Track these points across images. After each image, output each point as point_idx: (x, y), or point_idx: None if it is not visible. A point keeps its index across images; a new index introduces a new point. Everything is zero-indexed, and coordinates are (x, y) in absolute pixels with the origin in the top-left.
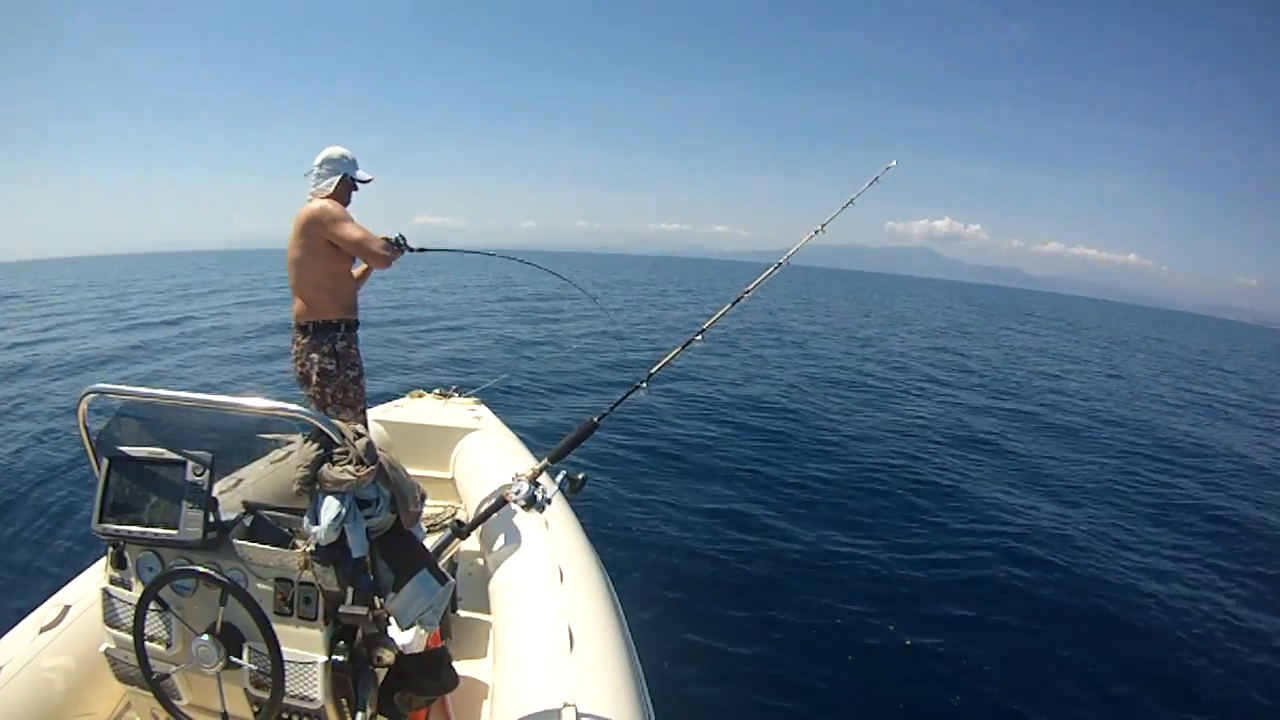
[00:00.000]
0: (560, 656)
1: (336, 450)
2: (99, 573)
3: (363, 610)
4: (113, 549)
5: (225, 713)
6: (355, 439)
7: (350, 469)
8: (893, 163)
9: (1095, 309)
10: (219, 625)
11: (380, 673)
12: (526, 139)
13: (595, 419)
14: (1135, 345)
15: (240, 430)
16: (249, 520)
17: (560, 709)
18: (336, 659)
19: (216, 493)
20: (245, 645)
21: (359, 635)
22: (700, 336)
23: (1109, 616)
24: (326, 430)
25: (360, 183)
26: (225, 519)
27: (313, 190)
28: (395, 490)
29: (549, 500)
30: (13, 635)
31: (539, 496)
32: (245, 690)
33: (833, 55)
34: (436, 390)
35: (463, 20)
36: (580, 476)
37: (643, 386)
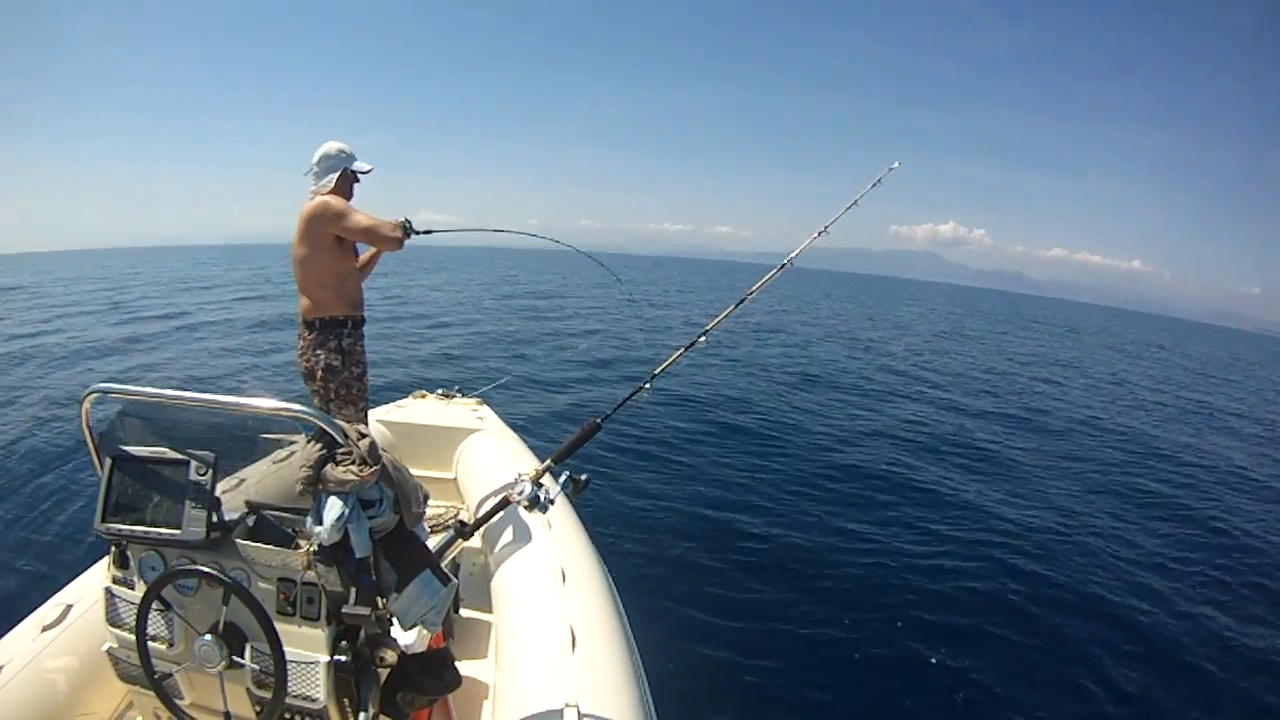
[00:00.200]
0: (562, 657)
1: (340, 450)
2: (101, 572)
3: (366, 610)
4: (115, 548)
5: (228, 712)
6: (358, 439)
7: (353, 469)
8: (896, 164)
9: (1098, 315)
10: (221, 625)
11: (383, 673)
12: (530, 137)
13: (598, 420)
14: (1136, 353)
15: (243, 430)
16: (252, 520)
17: (562, 709)
18: (339, 659)
19: (219, 492)
20: (248, 645)
21: (362, 635)
22: (703, 338)
23: (1107, 629)
24: (330, 430)
25: (361, 174)
26: (228, 519)
27: (314, 189)
28: (398, 490)
29: (552, 501)
30: (14, 634)
31: (542, 497)
32: (248, 690)
33: (837, 55)
34: (439, 391)
35: (466, 16)
36: (583, 477)
37: (646, 388)
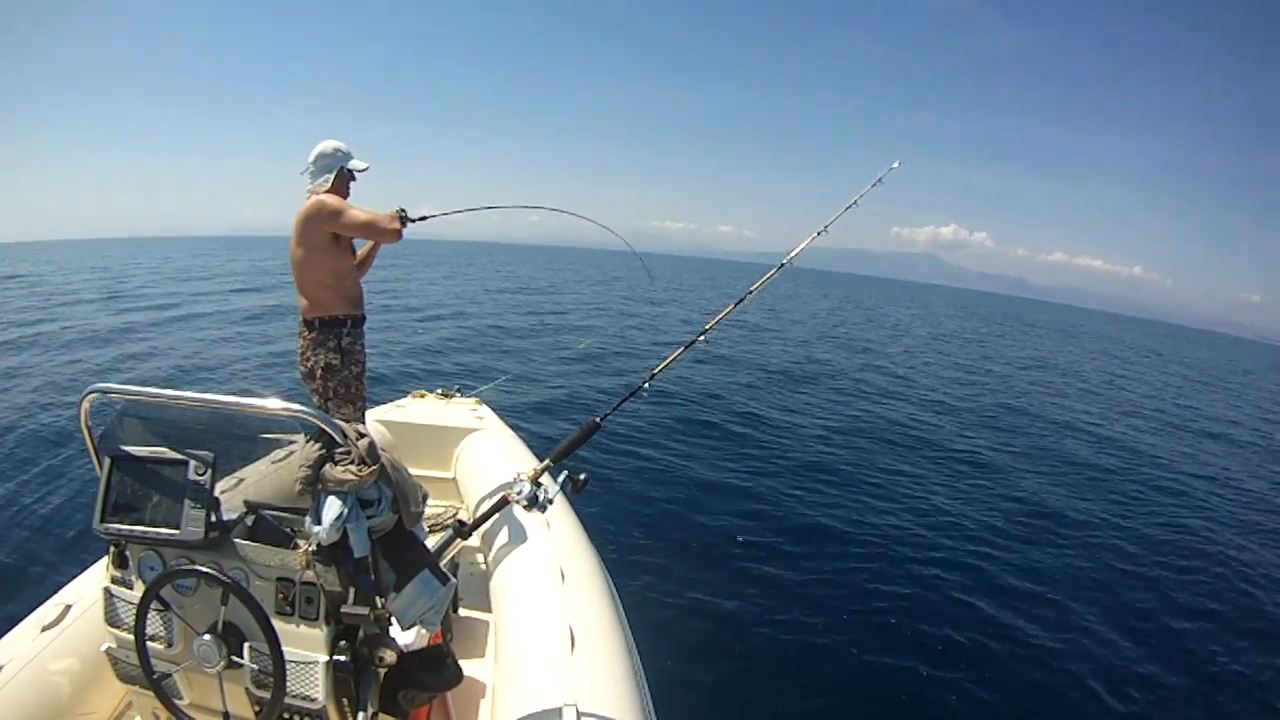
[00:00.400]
0: (561, 656)
1: (339, 450)
2: (100, 572)
3: (364, 610)
4: (114, 548)
5: (226, 712)
6: (357, 439)
7: (352, 469)
8: (896, 163)
9: (1099, 321)
10: (220, 625)
11: (382, 672)
12: (530, 133)
13: (598, 419)
14: (1132, 359)
15: (242, 430)
16: (251, 520)
17: (561, 708)
18: (338, 659)
19: (218, 492)
20: (247, 645)
21: (360, 635)
22: (702, 337)
23: (1103, 643)
24: (329, 430)
25: (357, 172)
26: (227, 519)
27: (310, 188)
28: (397, 490)
29: (551, 500)
30: (14, 634)
31: (541, 497)
32: (246, 690)
33: (840, 56)
34: (438, 390)
35: (467, 11)
36: (582, 477)
37: (645, 387)
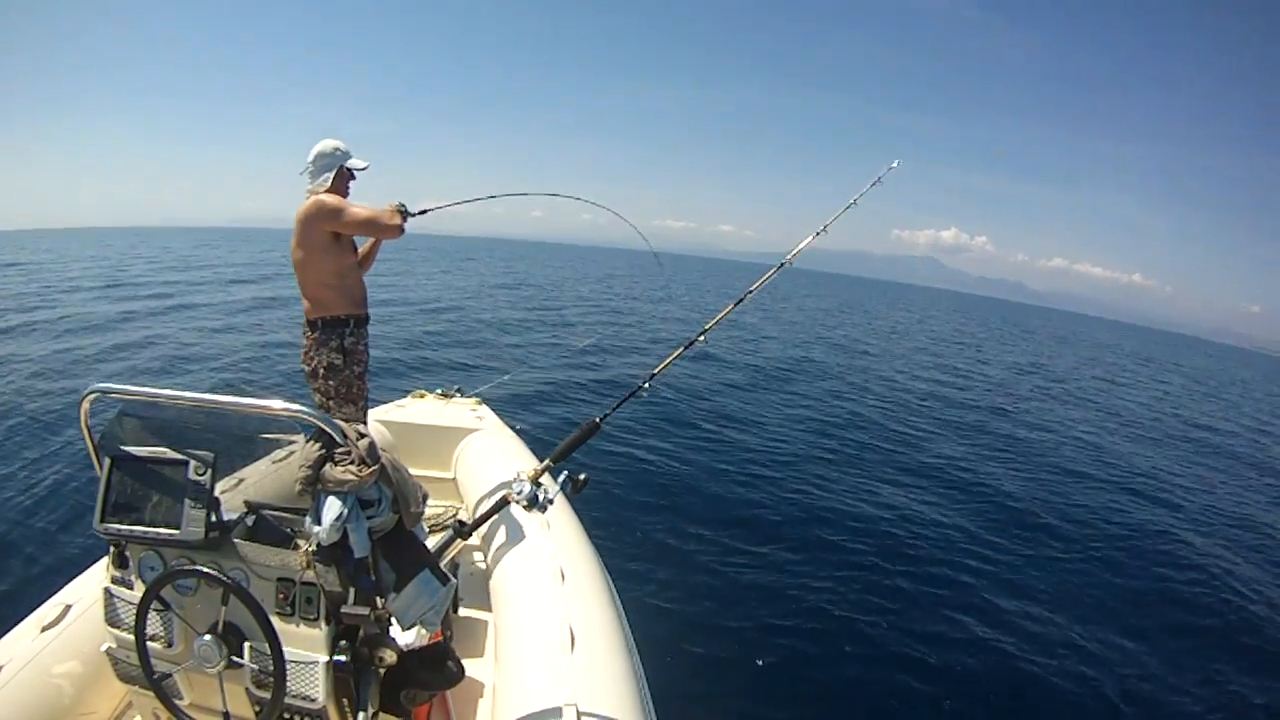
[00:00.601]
0: (562, 656)
1: (339, 450)
2: (100, 572)
3: (365, 610)
4: (114, 548)
5: (227, 712)
6: (358, 439)
7: (353, 469)
8: (895, 163)
9: (1099, 328)
10: (220, 625)
11: (382, 672)
12: (530, 129)
13: (598, 419)
14: (1136, 368)
15: (242, 430)
16: (251, 520)
17: (561, 708)
18: (338, 659)
19: (218, 492)
20: (247, 645)
21: (360, 635)
22: (702, 337)
23: (1095, 650)
24: (329, 430)
25: (357, 171)
26: (227, 519)
27: (310, 188)
28: (397, 490)
29: (551, 500)
30: (14, 634)
31: (541, 497)
32: (247, 690)
33: (842, 58)
34: (438, 390)
35: (471, 6)
36: (582, 477)
37: (645, 387)
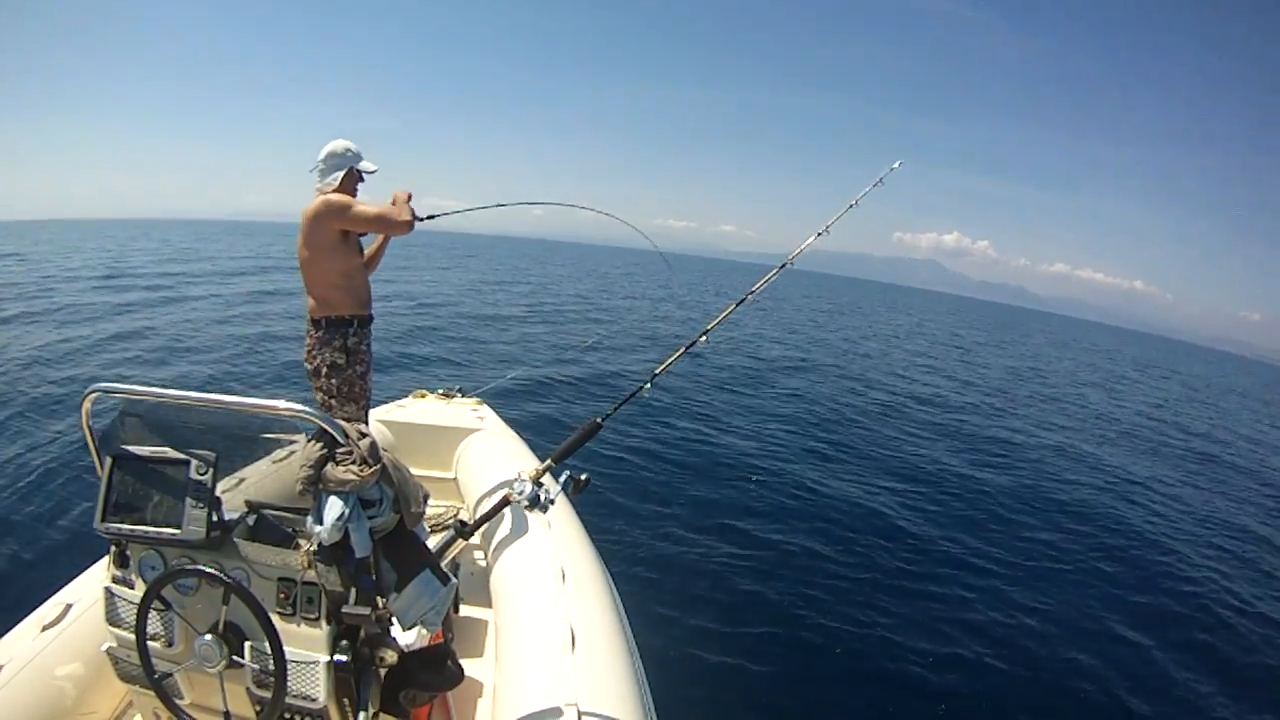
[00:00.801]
0: (562, 656)
1: (340, 450)
2: (101, 571)
3: (365, 610)
4: (115, 547)
5: (227, 712)
6: (359, 439)
7: (354, 469)
8: (897, 163)
9: (1099, 333)
10: (221, 624)
11: (383, 672)
12: (530, 127)
13: (599, 420)
14: (1135, 374)
15: (244, 429)
16: (252, 520)
17: (562, 708)
18: (339, 659)
19: (220, 492)
20: (248, 644)
21: (361, 635)
22: (704, 338)
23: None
24: (330, 430)
25: (366, 174)
26: (228, 518)
27: (319, 187)
28: (398, 490)
29: (552, 501)
30: (14, 634)
31: (542, 497)
32: (247, 690)
33: (844, 59)
34: (439, 390)
35: (471, 6)
36: (583, 477)
37: (646, 387)
